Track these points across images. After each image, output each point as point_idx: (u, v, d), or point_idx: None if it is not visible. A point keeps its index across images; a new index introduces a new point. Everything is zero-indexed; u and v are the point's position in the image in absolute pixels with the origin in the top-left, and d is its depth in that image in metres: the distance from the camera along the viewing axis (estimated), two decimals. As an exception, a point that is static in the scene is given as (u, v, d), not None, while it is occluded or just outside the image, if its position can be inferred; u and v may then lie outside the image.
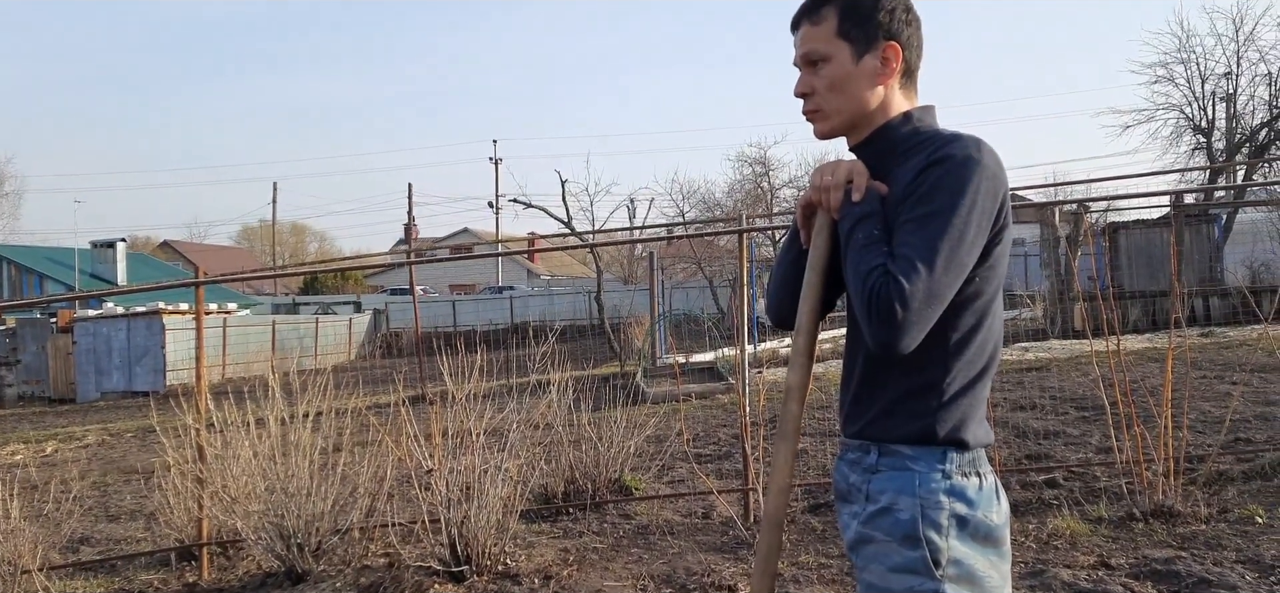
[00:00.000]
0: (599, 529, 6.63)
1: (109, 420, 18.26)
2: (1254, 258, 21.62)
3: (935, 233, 1.80)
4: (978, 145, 1.88)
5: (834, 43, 2.01)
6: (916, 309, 1.78)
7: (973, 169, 1.84)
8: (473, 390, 6.13)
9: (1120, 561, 5.04)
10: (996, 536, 1.91)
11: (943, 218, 1.81)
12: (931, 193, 1.84)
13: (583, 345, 22.01)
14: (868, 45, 2.00)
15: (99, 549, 7.27)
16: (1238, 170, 27.99)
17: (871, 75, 2.00)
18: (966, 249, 1.83)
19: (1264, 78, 27.63)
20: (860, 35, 2.00)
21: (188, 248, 68.57)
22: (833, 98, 2.03)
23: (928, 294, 1.79)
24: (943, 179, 1.84)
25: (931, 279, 1.78)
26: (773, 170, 34.21)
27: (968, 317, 1.91)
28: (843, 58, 2.01)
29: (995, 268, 1.92)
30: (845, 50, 2.01)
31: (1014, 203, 2.06)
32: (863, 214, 1.91)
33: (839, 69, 2.01)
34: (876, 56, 2.00)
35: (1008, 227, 1.92)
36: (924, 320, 1.80)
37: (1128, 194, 30.84)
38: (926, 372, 1.90)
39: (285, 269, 49.86)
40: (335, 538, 6.00)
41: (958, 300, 1.87)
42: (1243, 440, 7.43)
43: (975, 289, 1.90)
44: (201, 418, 6.23)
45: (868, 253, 1.85)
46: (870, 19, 2.00)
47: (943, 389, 1.91)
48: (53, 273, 39.83)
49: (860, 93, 2.01)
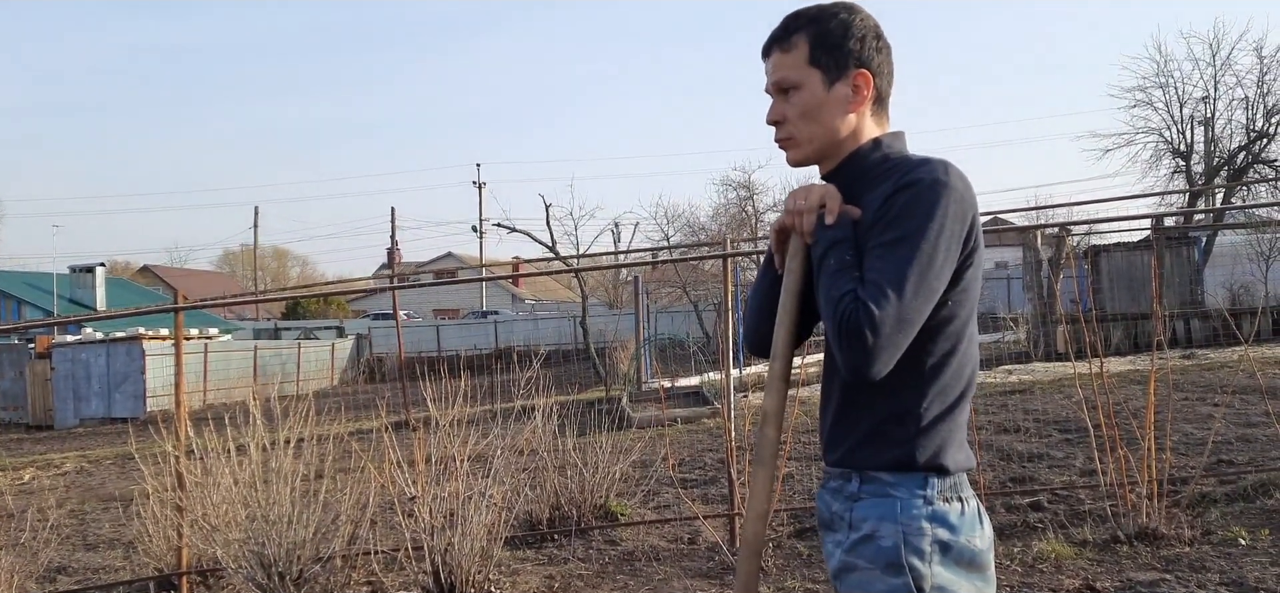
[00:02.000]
0: (584, 556, 6.59)
1: (88, 447, 18.11)
2: (1234, 280, 21.80)
3: (904, 258, 1.80)
4: (945, 169, 1.88)
5: (805, 70, 2.01)
6: (887, 335, 1.77)
7: (940, 192, 1.84)
8: (457, 416, 6.10)
9: (1105, 584, 5.04)
10: (980, 561, 1.90)
11: (911, 243, 1.81)
12: (900, 218, 1.83)
13: (568, 370, 21.94)
14: (839, 73, 2.00)
15: (77, 579, 7.19)
16: (1216, 193, 28.26)
17: (843, 103, 2.01)
18: (936, 273, 1.82)
19: (1241, 102, 28.00)
20: (831, 63, 2.00)
21: (168, 273, 68.14)
22: (804, 126, 2.03)
23: (898, 320, 1.78)
24: (911, 204, 1.84)
25: (901, 305, 1.78)
26: (757, 194, 34.35)
27: (942, 341, 1.90)
28: (814, 86, 2.01)
29: (968, 291, 1.91)
30: (816, 78, 2.01)
31: (997, 226, 2.07)
32: (835, 240, 1.91)
33: (810, 97, 2.01)
34: (847, 84, 2.00)
35: (978, 249, 1.91)
36: (895, 346, 1.80)
37: (1109, 217, 31.30)
38: (903, 398, 1.90)
39: (267, 294, 49.70)
40: (317, 566, 5.95)
41: (931, 325, 1.87)
42: (1225, 462, 7.46)
43: (949, 313, 1.89)
44: (181, 445, 6.18)
45: (839, 279, 1.85)
46: (841, 47, 2.00)
47: (920, 415, 1.90)
48: (31, 298, 39.62)
49: (832, 120, 2.01)
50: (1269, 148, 27.74)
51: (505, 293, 64.03)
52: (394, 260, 56.21)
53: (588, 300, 24.84)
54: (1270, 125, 27.46)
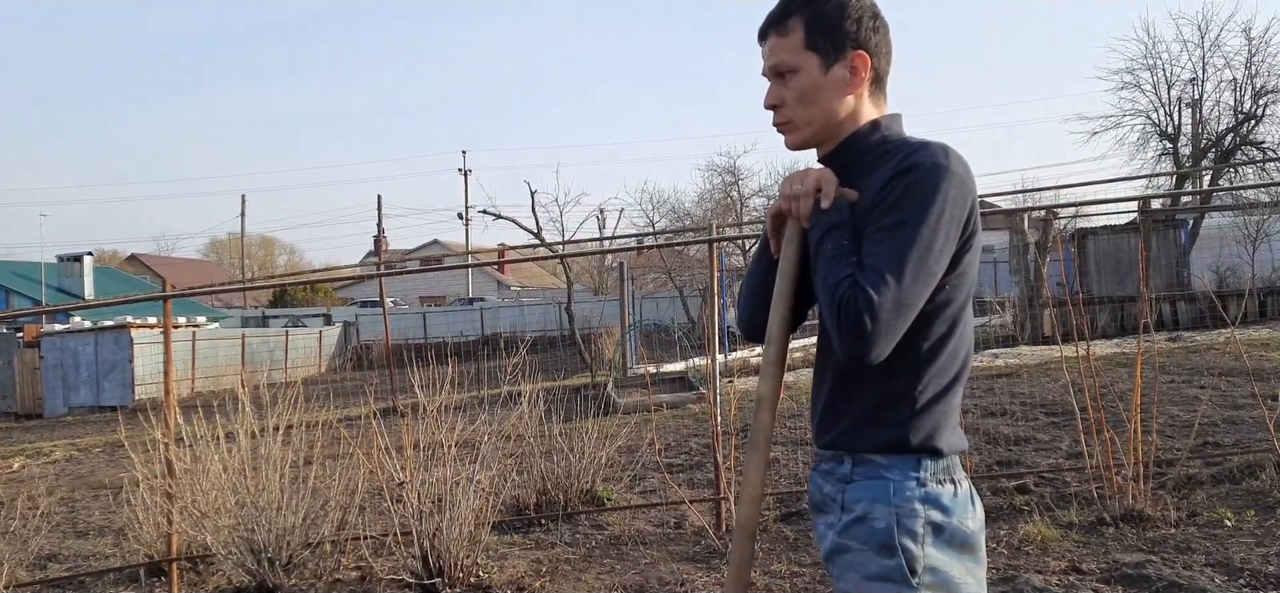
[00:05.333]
0: (571, 540, 6.60)
1: (77, 436, 18.04)
2: (1221, 263, 21.84)
3: (903, 242, 1.79)
4: (945, 152, 1.87)
5: (802, 54, 2.00)
6: (885, 320, 1.77)
7: (941, 176, 1.84)
8: (444, 402, 6.10)
9: (1091, 565, 5.08)
10: (972, 542, 1.91)
11: (911, 227, 1.80)
12: (899, 202, 1.83)
13: (554, 356, 21.96)
14: (836, 55, 1.99)
15: (67, 566, 7.17)
16: (1204, 176, 28.33)
17: (840, 85, 1.99)
18: (935, 258, 1.82)
19: (1229, 84, 27.96)
20: (828, 45, 1.99)
21: (155, 261, 67.86)
22: (802, 109, 2.02)
23: (896, 305, 1.78)
24: (910, 188, 1.83)
25: (900, 289, 1.78)
26: (742, 179, 34.45)
27: (939, 325, 1.90)
28: (811, 69, 1.99)
29: (965, 275, 1.91)
30: (813, 61, 1.99)
31: (983, 210, 2.06)
32: (832, 224, 1.90)
33: (807, 80, 2.00)
34: (845, 66, 1.99)
35: (977, 233, 1.91)
36: (893, 331, 1.79)
37: (1096, 200, 31.24)
38: (898, 381, 1.90)
39: (254, 282, 49.46)
40: (306, 552, 5.95)
41: (928, 309, 1.87)
42: (1211, 445, 7.50)
43: (946, 297, 1.89)
44: (170, 433, 6.16)
45: (837, 263, 1.84)
46: (837, 29, 1.98)
47: (915, 398, 1.90)
48: (18, 287, 39.37)
49: (830, 103, 2.00)
50: (1257, 130, 27.76)
51: (491, 280, 63.87)
52: (380, 248, 55.94)
53: (573, 287, 24.77)
54: (1258, 107, 27.45)
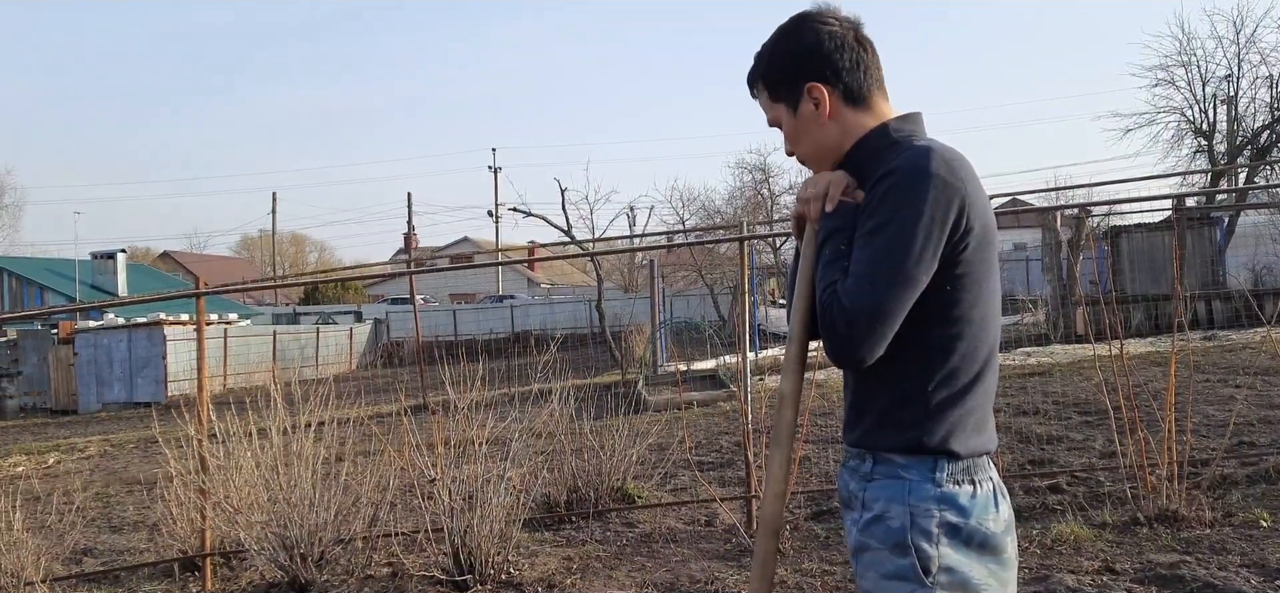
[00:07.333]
0: (602, 538, 6.62)
1: (111, 432, 18.26)
2: (1256, 261, 21.54)
3: (880, 247, 1.82)
4: (928, 154, 1.87)
5: (774, 108, 2.12)
6: (862, 327, 1.81)
7: (919, 180, 1.84)
8: (475, 400, 6.12)
9: (1125, 566, 5.03)
10: (994, 543, 1.90)
11: (887, 232, 1.82)
12: (878, 207, 1.86)
13: (584, 354, 22.02)
14: (797, 97, 2.06)
15: (102, 561, 7.26)
16: (1239, 173, 27.94)
17: (813, 119, 2.06)
18: (915, 261, 1.81)
19: (1265, 80, 27.53)
20: (787, 92, 2.08)
21: (188, 258, 68.63)
22: (800, 149, 2.13)
23: (873, 310, 1.80)
24: (889, 192, 1.85)
25: (874, 295, 1.80)
26: (773, 177, 34.29)
27: (945, 326, 1.89)
28: (785, 116, 2.11)
29: (969, 275, 1.89)
30: (783, 110, 2.10)
31: (1015, 208, 2.06)
32: (831, 229, 1.96)
33: (788, 126, 2.11)
34: (808, 102, 2.05)
35: (973, 231, 1.88)
36: (873, 336, 1.82)
37: (1129, 198, 30.93)
38: (907, 383, 1.91)
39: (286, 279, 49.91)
40: (338, 548, 5.99)
41: (931, 310, 1.87)
42: (1246, 444, 7.41)
43: (949, 298, 1.88)
44: (203, 428, 6.23)
45: (828, 270, 1.90)
46: (788, 74, 2.07)
47: (925, 400, 1.90)
48: (53, 284, 39.91)
49: (813, 136, 2.08)
50: (1293, 127, 27.39)
51: (521, 277, 64.08)
52: (410, 245, 56.24)
53: (603, 284, 24.80)
54: (1294, 104, 27.11)
